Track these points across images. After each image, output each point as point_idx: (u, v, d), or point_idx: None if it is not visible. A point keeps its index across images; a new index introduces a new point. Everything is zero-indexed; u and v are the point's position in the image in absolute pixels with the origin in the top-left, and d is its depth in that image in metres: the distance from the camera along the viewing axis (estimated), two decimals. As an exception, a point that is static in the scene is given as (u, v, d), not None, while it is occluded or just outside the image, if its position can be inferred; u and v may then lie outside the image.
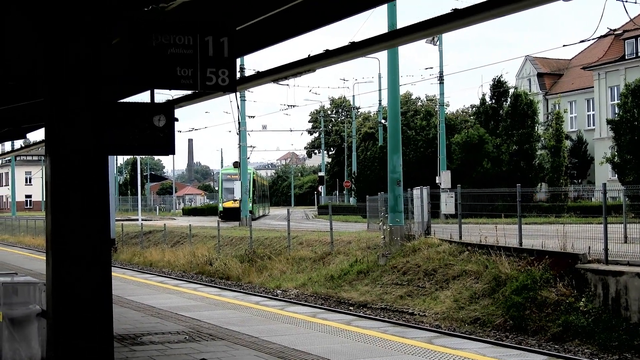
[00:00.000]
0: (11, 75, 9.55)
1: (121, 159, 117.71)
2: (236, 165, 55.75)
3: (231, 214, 57.20)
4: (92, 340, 7.69)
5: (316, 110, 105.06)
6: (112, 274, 8.27)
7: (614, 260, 17.67)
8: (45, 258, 8.22)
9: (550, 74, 68.97)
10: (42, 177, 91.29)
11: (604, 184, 19.69)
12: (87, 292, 7.70)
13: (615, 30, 43.15)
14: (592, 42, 52.60)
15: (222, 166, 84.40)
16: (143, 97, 13.24)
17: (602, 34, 36.71)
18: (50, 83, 7.67)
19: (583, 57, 65.36)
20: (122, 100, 9.45)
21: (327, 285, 24.85)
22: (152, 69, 7.77)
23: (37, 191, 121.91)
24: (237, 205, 55.07)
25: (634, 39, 55.24)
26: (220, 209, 62.61)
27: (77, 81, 7.63)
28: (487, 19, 8.32)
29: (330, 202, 58.16)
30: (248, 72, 43.55)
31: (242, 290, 26.21)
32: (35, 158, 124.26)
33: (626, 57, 56.07)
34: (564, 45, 74.00)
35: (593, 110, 61.15)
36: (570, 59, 69.63)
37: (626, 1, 33.31)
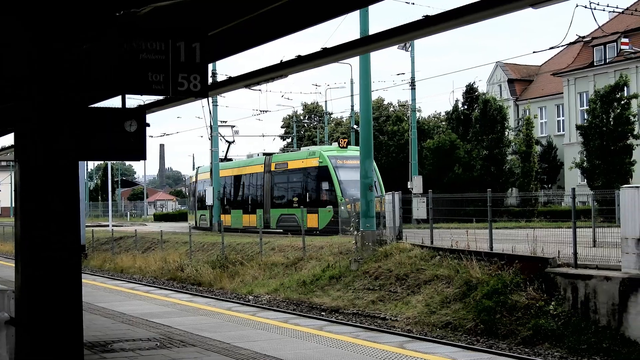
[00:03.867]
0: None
1: (92, 165, 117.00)
2: (343, 144, 38.88)
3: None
4: (61, 348, 7.64)
5: (289, 115, 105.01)
6: (82, 280, 8.22)
7: (583, 264, 17.82)
8: (14, 265, 8.16)
9: (521, 80, 69.41)
10: (11, 183, 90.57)
11: (573, 189, 19.86)
12: (56, 299, 7.65)
13: (584, 37, 43.50)
14: (561, 48, 53.01)
15: (194, 169, 66.22)
16: (114, 102, 13.16)
17: (571, 40, 37.05)
18: (21, 87, 7.62)
19: (553, 64, 65.86)
20: (92, 106, 9.42)
21: (299, 290, 24.84)
22: (124, 74, 7.75)
23: (6, 197, 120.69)
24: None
25: (602, 46, 55.73)
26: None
27: (49, 86, 7.59)
28: (458, 26, 8.40)
29: (302, 207, 58.12)
30: (220, 78, 43.46)
31: (214, 296, 26.13)
32: (3, 164, 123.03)
33: (595, 64, 56.57)
34: (534, 52, 74.35)
35: (563, 116, 61.61)
36: (540, 65, 70.13)
37: (594, 9, 33.71)
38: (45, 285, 7.61)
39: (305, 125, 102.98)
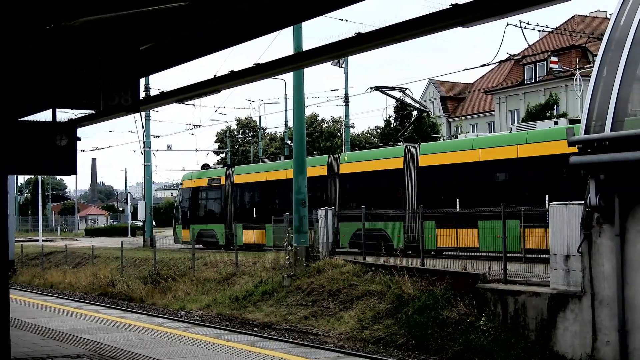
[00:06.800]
0: None
1: (22, 178, 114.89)
2: None
3: None
4: (-12, 365, 7.50)
5: (222, 130, 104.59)
6: (11, 296, 8.09)
7: (513, 280, 18.06)
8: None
9: (453, 97, 70.34)
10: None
11: (504, 205, 20.05)
12: (-17, 315, 7.51)
13: (514, 55, 44.31)
14: (492, 66, 53.91)
15: (126, 187, 59.69)
16: (45, 115, 12.98)
17: (502, 59, 37.64)
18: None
19: (484, 82, 66.88)
20: (22, 119, 9.29)
21: (232, 306, 24.72)
22: (54, 88, 7.66)
23: None
24: None
25: (532, 65, 56.81)
26: None
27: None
28: (391, 43, 8.50)
29: (236, 222, 57.78)
30: (153, 92, 43.18)
31: (145, 312, 25.86)
32: None
33: (525, 82, 57.60)
34: (465, 69, 75.47)
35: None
36: (472, 83, 71.16)
37: (525, 28, 34.37)
38: (-29, 301, 7.47)
39: (239, 140, 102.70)
